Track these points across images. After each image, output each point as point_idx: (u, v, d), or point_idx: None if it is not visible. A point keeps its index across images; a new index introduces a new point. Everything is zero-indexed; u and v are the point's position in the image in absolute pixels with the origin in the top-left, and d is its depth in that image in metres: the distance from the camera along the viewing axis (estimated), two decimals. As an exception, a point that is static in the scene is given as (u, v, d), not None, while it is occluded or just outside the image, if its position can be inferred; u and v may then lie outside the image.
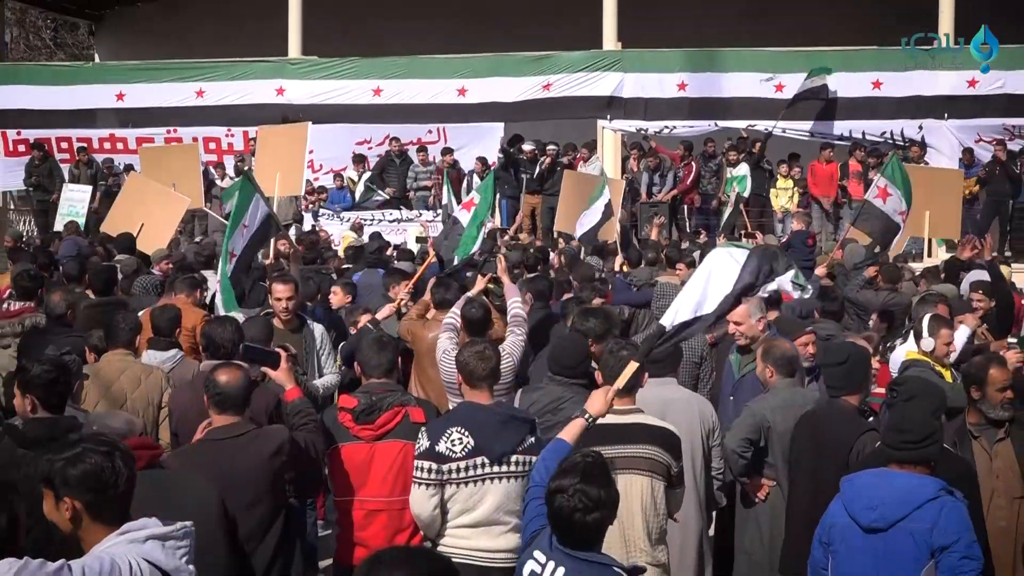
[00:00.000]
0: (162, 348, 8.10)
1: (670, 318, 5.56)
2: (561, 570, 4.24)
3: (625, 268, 14.10)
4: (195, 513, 4.45)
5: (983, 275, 11.76)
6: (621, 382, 5.67)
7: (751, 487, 6.96)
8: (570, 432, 5.25)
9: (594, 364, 6.98)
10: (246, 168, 18.60)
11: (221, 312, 9.32)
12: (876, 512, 5.03)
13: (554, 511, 4.31)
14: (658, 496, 6.07)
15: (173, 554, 3.94)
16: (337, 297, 11.28)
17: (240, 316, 8.70)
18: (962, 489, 5.25)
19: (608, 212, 16.18)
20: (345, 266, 14.65)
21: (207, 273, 11.53)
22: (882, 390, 8.42)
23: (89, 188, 21.72)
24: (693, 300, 5.51)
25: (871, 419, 6.52)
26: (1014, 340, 9.20)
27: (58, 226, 20.06)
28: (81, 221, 20.06)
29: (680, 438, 6.23)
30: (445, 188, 21.62)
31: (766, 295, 5.56)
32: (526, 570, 4.38)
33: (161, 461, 5.47)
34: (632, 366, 5.75)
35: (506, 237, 18.31)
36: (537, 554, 4.42)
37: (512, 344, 8.14)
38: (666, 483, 6.11)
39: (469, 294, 8.91)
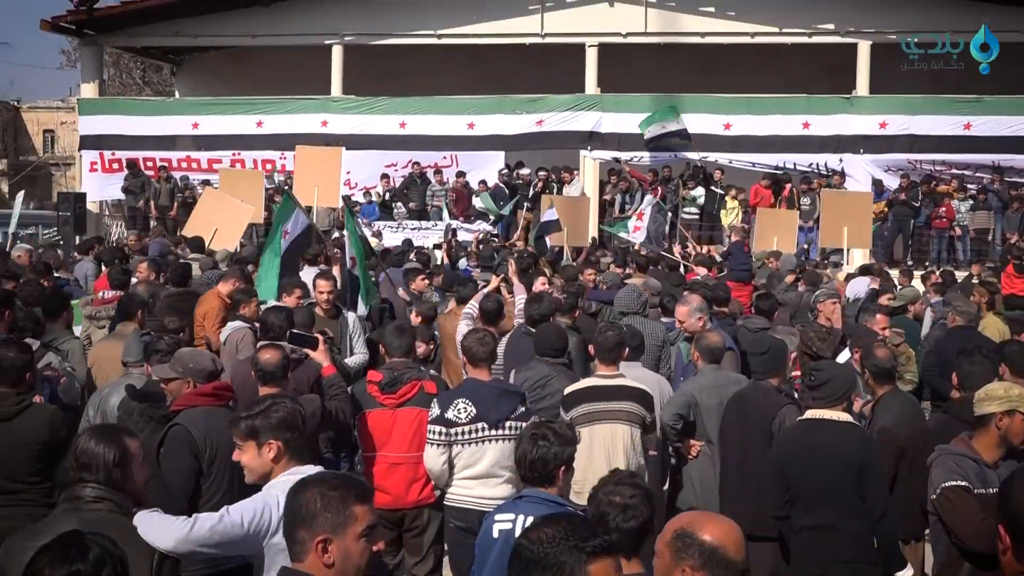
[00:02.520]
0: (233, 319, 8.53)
1: None
2: (530, 518, 4.16)
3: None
4: None
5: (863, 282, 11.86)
6: None
7: (684, 448, 6.96)
8: None
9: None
10: (287, 186, 18.60)
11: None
12: None
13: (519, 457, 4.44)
14: (636, 439, 6.40)
15: None
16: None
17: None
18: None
19: (557, 226, 16.23)
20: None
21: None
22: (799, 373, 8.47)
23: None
24: None
25: (786, 396, 6.54)
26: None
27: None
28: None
29: (652, 395, 6.56)
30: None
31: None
32: (495, 530, 4.30)
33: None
34: None
35: (509, 244, 18.41)
36: (500, 516, 4.36)
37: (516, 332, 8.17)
38: (642, 429, 6.44)
39: (485, 290, 8.92)
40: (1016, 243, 19.02)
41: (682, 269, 14.12)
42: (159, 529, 3.81)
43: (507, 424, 5.96)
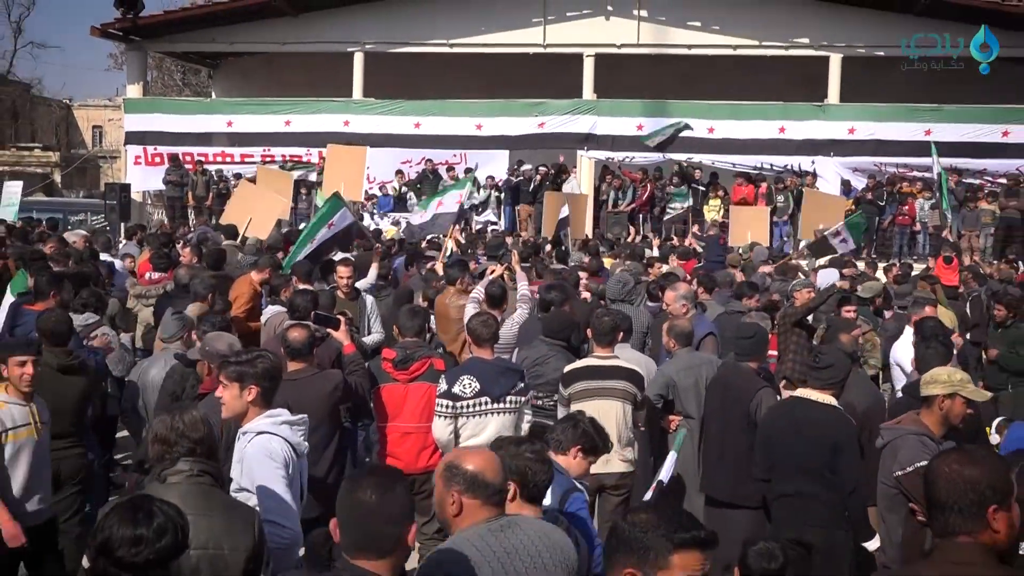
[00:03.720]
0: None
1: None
2: None
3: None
4: None
5: (833, 273, 11.85)
6: None
7: (665, 423, 7.01)
8: None
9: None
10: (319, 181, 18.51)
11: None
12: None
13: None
14: (627, 414, 6.42)
15: (296, 433, 4.35)
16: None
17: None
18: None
19: (567, 222, 16.22)
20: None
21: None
22: (775, 352, 8.49)
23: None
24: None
25: (763, 379, 6.55)
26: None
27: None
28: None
29: (643, 375, 6.58)
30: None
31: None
32: None
33: None
34: None
35: (515, 236, 18.39)
36: None
37: (520, 315, 8.15)
38: (633, 406, 6.45)
39: (491, 276, 8.90)
40: (946, 237, 19.13)
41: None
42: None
43: (508, 398, 5.97)
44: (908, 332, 8.18)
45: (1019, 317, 9.85)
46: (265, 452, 4.18)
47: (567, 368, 6.57)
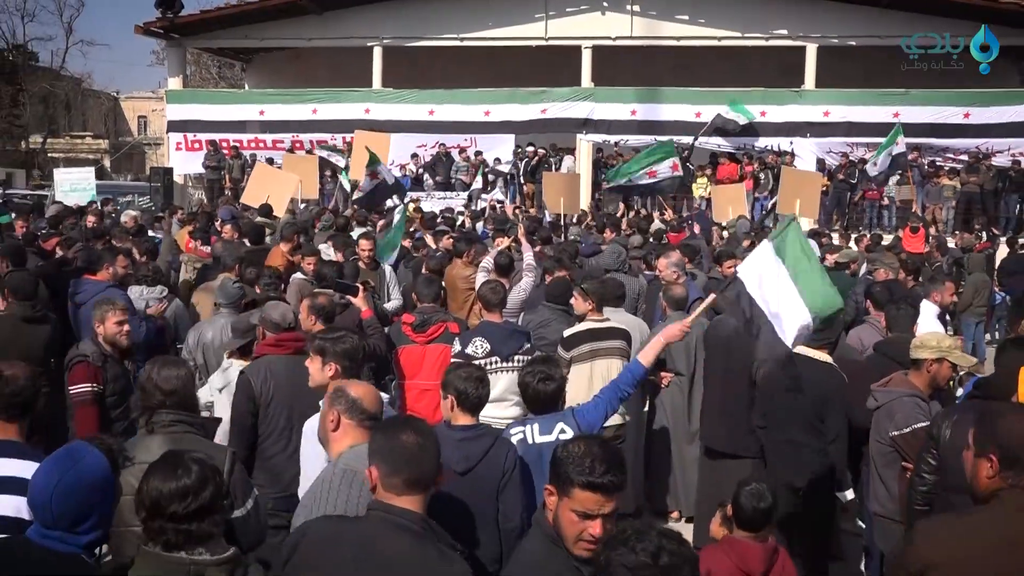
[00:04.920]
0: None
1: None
2: (536, 426, 4.20)
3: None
4: None
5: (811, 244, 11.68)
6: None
7: (657, 380, 6.93)
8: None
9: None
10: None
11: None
12: None
13: (523, 388, 4.35)
14: None
15: None
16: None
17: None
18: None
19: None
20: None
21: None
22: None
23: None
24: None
25: None
26: None
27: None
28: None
29: (632, 335, 6.46)
30: (478, 177, 21.74)
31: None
32: (515, 438, 4.22)
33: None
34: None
35: (521, 210, 18.34)
36: (515, 429, 4.29)
37: (526, 283, 8.08)
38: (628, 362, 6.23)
39: (500, 247, 8.82)
40: (915, 211, 19.05)
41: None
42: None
43: (516, 358, 5.90)
44: (928, 307, 7.95)
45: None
46: (311, 431, 3.97)
47: (567, 332, 6.42)
